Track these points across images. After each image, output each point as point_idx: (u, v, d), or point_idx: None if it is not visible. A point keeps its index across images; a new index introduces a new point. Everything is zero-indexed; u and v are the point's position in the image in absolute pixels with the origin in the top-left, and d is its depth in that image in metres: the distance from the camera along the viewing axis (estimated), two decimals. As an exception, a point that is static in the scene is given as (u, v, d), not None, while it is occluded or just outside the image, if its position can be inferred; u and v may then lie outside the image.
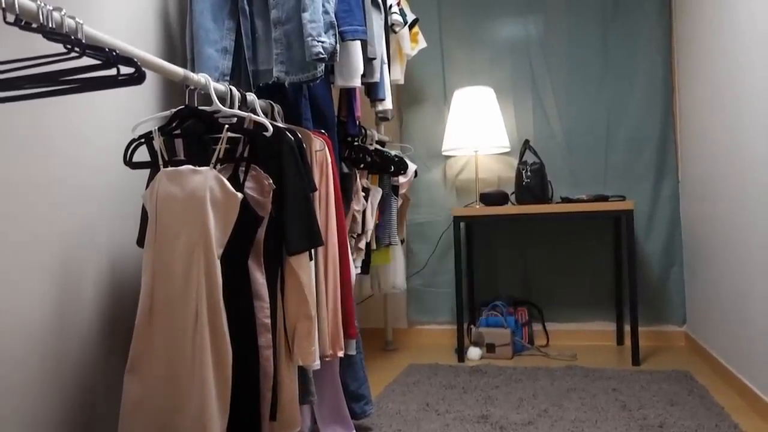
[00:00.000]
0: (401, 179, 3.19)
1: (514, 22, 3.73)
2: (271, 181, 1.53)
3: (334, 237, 1.90)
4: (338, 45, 1.89)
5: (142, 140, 1.56)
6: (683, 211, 3.47)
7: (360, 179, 2.50)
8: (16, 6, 1.04)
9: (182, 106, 1.56)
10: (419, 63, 3.75)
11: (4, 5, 1.03)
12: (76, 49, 1.12)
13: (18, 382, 1.37)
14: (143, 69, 1.19)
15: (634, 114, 3.56)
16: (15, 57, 1.17)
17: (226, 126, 1.51)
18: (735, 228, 2.54)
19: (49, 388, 1.46)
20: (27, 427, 1.39)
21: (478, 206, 3.45)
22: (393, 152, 3.10)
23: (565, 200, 3.28)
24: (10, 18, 1.05)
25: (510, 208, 3.27)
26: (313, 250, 1.68)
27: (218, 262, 1.43)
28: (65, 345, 1.51)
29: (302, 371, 1.70)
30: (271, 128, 1.57)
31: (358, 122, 2.60)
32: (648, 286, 3.53)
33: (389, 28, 2.83)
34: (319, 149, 1.88)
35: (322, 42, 1.82)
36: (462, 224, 3.69)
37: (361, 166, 2.55)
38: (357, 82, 2.23)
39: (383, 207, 2.85)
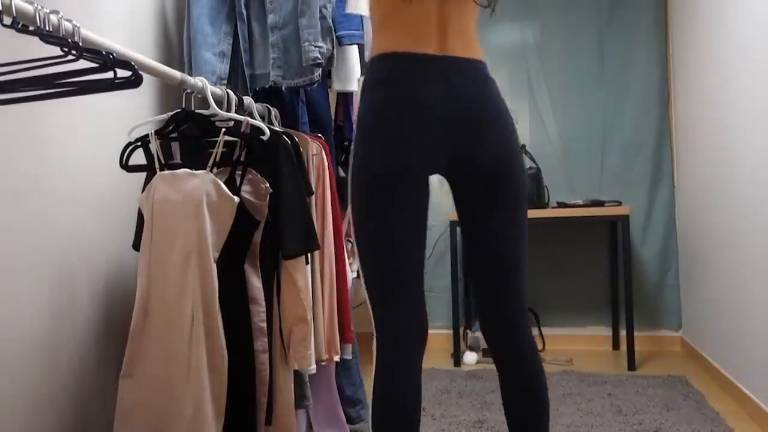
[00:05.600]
0: (398, 184, 3.19)
1: (510, 28, 3.74)
2: (268, 185, 1.53)
3: (330, 241, 1.90)
4: (335, 49, 1.90)
5: (139, 144, 1.56)
6: (679, 217, 3.48)
7: (356, 183, 2.49)
8: (13, 8, 1.04)
9: (179, 110, 1.56)
10: (416, 68, 3.75)
11: (1, 8, 1.03)
12: (74, 52, 1.11)
13: (12, 388, 1.37)
14: (140, 72, 1.19)
15: (629, 119, 3.58)
16: (11, 59, 1.17)
17: (223, 130, 1.51)
18: (730, 233, 2.55)
19: (43, 392, 1.45)
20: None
21: (474, 211, 3.44)
22: (389, 157, 3.10)
23: (562, 205, 3.29)
24: (7, 20, 1.05)
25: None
26: (309, 254, 1.68)
27: (214, 266, 1.43)
28: (59, 350, 1.51)
29: (298, 375, 1.70)
30: (267, 132, 1.57)
31: (354, 126, 2.60)
32: (644, 291, 3.53)
33: (386, 33, 2.83)
34: (316, 153, 1.88)
35: (319, 47, 1.82)
36: (458, 229, 3.70)
37: (358, 170, 2.55)
38: (354, 87, 2.23)
39: (380, 211, 2.85)
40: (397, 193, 1.21)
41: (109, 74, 1.13)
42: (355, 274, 2.55)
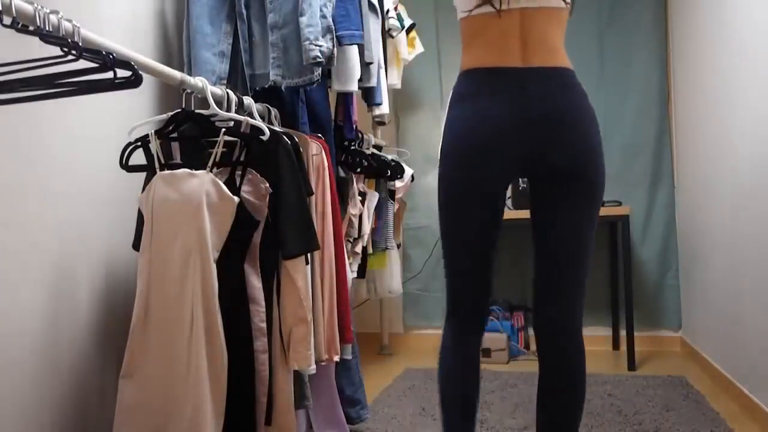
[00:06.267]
0: (398, 184, 3.19)
1: (510, 27, 3.73)
2: (268, 185, 1.53)
3: (330, 241, 1.90)
4: (335, 49, 1.89)
5: (139, 144, 1.56)
6: (679, 217, 3.48)
7: (356, 183, 2.50)
8: (13, 8, 1.04)
9: (179, 110, 1.56)
10: (416, 67, 3.75)
11: (1, 8, 1.03)
12: (73, 52, 1.12)
13: (12, 387, 1.37)
14: (140, 72, 1.19)
15: (629, 120, 3.57)
16: (11, 59, 1.17)
17: (223, 130, 1.51)
18: (730, 233, 2.55)
19: (43, 392, 1.45)
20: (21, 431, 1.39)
21: (474, 211, 3.44)
22: (389, 157, 3.10)
23: (561, 205, 3.28)
24: (7, 20, 1.05)
25: (506, 213, 3.27)
26: (309, 254, 1.68)
27: (214, 266, 1.43)
28: (60, 349, 1.51)
29: (298, 375, 1.70)
30: (267, 132, 1.57)
31: (354, 126, 2.60)
32: (643, 291, 3.53)
33: (386, 33, 2.83)
34: (316, 153, 1.88)
35: (320, 46, 1.82)
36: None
37: (358, 170, 2.55)
38: (354, 87, 2.23)
39: (379, 211, 2.85)
40: (472, 199, 1.36)
41: (109, 74, 1.13)
42: (355, 274, 2.55)
